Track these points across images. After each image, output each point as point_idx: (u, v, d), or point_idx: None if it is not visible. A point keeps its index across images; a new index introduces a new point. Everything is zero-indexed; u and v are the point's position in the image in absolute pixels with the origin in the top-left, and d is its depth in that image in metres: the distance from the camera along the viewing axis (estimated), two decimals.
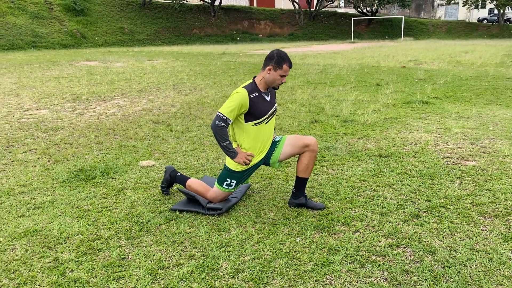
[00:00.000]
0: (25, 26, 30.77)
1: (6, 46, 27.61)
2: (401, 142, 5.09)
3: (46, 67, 14.94)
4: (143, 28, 38.71)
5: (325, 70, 13.55)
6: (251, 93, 3.09)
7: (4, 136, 5.76)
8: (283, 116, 6.75)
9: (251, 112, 3.11)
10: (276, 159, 3.30)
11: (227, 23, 46.15)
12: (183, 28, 41.95)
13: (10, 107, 7.75)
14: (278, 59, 3.06)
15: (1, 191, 3.80)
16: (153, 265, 2.55)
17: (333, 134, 5.52)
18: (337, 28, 49.98)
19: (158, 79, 11.52)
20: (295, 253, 2.65)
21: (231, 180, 3.23)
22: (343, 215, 3.15)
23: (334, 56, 20.12)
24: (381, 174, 4.00)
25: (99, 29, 35.43)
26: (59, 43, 30.66)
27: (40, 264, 2.59)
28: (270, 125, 3.27)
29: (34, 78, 11.85)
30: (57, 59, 18.39)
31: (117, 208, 3.40)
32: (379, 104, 7.55)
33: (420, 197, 3.44)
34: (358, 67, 14.43)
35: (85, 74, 12.80)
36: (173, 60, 17.64)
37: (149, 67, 14.67)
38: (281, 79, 3.11)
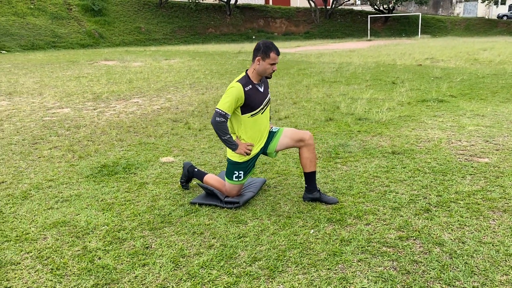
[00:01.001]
0: (45, 26, 31.41)
1: (26, 46, 28.24)
2: (414, 139, 5.17)
3: (66, 66, 15.30)
4: (160, 28, 39.13)
5: (341, 69, 13.61)
6: (246, 86, 3.25)
7: (30, 133, 6.01)
8: (298, 114, 6.87)
9: (247, 104, 3.27)
10: (274, 149, 3.48)
11: (243, 22, 46.32)
12: (199, 27, 42.27)
13: (34, 106, 8.03)
14: (265, 48, 3.21)
15: (30, 185, 4.02)
16: (175, 254, 2.72)
17: (347, 132, 5.62)
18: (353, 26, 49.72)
19: (175, 78, 11.74)
20: (309, 243, 2.79)
21: (239, 172, 3.39)
22: (355, 209, 3.27)
23: (350, 54, 20.11)
24: (394, 171, 4.10)
25: (117, 29, 35.94)
26: (77, 43, 31.22)
27: (70, 252, 2.78)
28: (266, 114, 3.44)
29: (55, 77, 12.19)
30: (76, 59, 18.79)
31: (140, 201, 3.58)
32: (394, 102, 7.61)
33: (431, 193, 3.54)
34: (373, 65, 14.44)
35: (104, 73, 13.09)
36: (190, 59, 17.87)
37: (166, 66, 14.92)
38: (271, 68, 3.26)
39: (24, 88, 10.24)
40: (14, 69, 14.51)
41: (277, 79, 11.37)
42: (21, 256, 2.75)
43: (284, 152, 4.83)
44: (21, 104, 8.21)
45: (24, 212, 3.41)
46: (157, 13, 41.03)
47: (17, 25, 30.04)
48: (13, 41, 28.34)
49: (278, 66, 14.91)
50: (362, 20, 50.26)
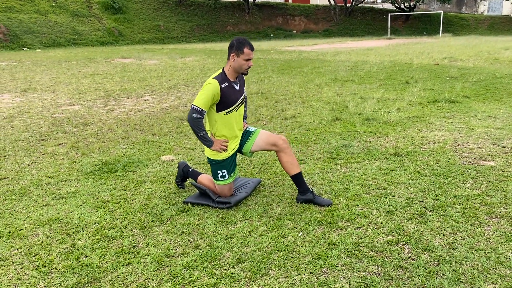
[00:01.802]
0: (66, 24, 31.95)
1: (47, 43, 28.78)
2: (420, 141, 5.07)
3: (83, 64, 15.53)
4: (179, 26, 39.40)
5: (356, 67, 13.45)
6: (222, 83, 3.25)
7: (38, 130, 6.11)
8: (305, 114, 6.82)
9: (222, 101, 3.28)
10: (249, 149, 3.48)
11: (261, 20, 46.26)
12: (217, 25, 42.40)
13: (46, 103, 8.17)
14: (238, 44, 3.21)
15: (30, 181, 4.08)
16: (160, 253, 2.72)
17: (352, 133, 5.55)
18: (373, 24, 49.15)
19: (188, 77, 11.78)
20: (295, 246, 2.76)
21: (222, 171, 3.39)
22: (348, 212, 3.22)
23: (367, 52, 19.86)
24: (394, 173, 4.03)
25: (136, 27, 36.32)
26: (97, 41, 31.67)
27: (58, 249, 2.81)
28: (240, 112, 3.44)
29: (70, 74, 12.38)
30: (94, 56, 19.05)
31: (134, 199, 3.60)
32: (404, 102, 7.48)
33: (428, 196, 3.46)
34: (389, 64, 14.23)
35: (119, 71, 13.24)
36: (205, 57, 17.93)
37: (180, 65, 15.00)
38: (247, 63, 3.25)
39: (39, 85, 10.43)
40: (33, 66, 14.79)
41: (289, 78, 11.32)
42: (11, 252, 2.79)
43: None
44: (34, 101, 8.36)
45: (20, 208, 3.47)
46: (176, 11, 41.32)
47: (39, 22, 30.64)
48: (35, 38, 28.92)
49: (291, 64, 14.84)
50: (382, 18, 49.65)
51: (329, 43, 31.06)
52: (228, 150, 3.40)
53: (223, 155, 3.38)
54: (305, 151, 4.84)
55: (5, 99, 8.66)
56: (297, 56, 18.61)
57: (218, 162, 3.39)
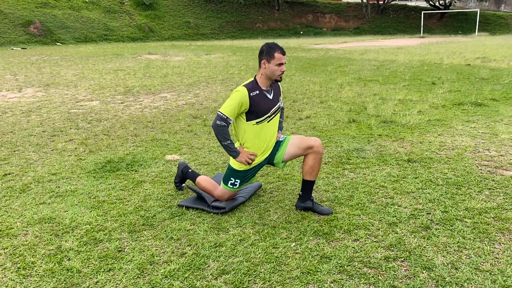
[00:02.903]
0: (98, 20, 32.56)
1: (80, 38, 29.41)
2: (437, 146, 4.80)
3: (109, 59, 15.72)
4: (208, 22, 39.55)
5: (382, 67, 13.08)
6: (252, 91, 3.07)
7: (51, 125, 6.15)
8: (321, 114, 6.62)
9: (252, 110, 3.09)
10: (280, 159, 3.26)
11: (291, 17, 45.91)
12: (247, 22, 42.34)
13: (66, 98, 8.26)
14: (268, 49, 3.03)
15: (33, 178, 4.07)
16: (144, 260, 2.62)
17: (367, 136, 5.32)
18: (406, 22, 47.99)
19: (210, 74, 11.73)
20: (285, 258, 2.60)
21: (235, 179, 3.23)
22: (348, 222, 3.03)
23: (397, 51, 19.34)
24: (404, 181, 3.80)
25: (166, 23, 36.67)
26: (128, 37, 32.15)
27: (43, 250, 2.75)
28: (273, 123, 3.23)
29: (95, 70, 12.53)
30: (122, 52, 19.29)
31: (130, 201, 3.52)
32: (427, 104, 7.16)
33: (437, 208, 3.23)
34: (418, 64, 13.77)
35: (143, 67, 13.32)
36: (230, 54, 17.86)
37: (204, 61, 14.98)
38: (279, 69, 3.05)
39: (62, 80, 10.59)
40: (61, 61, 15.08)
41: (311, 77, 11.09)
42: None
43: None
44: (54, 96, 8.47)
45: (17, 206, 3.45)
46: (206, 8, 41.50)
47: (72, 18, 31.34)
48: (68, 33, 29.61)
49: (316, 63, 14.57)
50: (416, 16, 48.42)
51: (358, 41, 30.50)
52: (253, 163, 3.21)
53: (244, 167, 3.21)
54: None
55: (28, 93, 8.81)
56: (324, 54, 18.30)
57: (237, 171, 3.23)
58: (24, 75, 11.35)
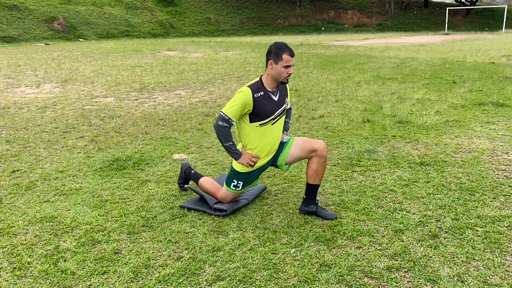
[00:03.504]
0: (120, 16, 32.90)
1: (102, 34, 29.78)
2: (453, 149, 4.63)
3: (128, 56, 15.84)
4: (229, 19, 39.54)
5: (402, 64, 12.81)
6: (256, 93, 2.97)
7: (64, 122, 6.19)
8: (334, 114, 6.48)
9: (256, 112, 3.00)
10: (284, 161, 3.17)
11: (313, 13, 45.52)
12: (268, 18, 42.16)
13: (81, 94, 8.32)
14: (276, 50, 2.92)
15: (40, 175, 4.08)
16: (140, 263, 2.57)
17: (380, 137, 5.18)
18: (430, 18, 47.04)
19: (226, 71, 11.68)
20: (284, 265, 2.52)
21: (238, 181, 3.16)
22: (352, 228, 2.93)
23: (419, 49, 18.93)
24: (414, 185, 3.66)
25: (187, 19, 36.82)
26: (149, 33, 32.40)
27: (41, 251, 2.73)
28: (278, 126, 3.13)
29: (113, 66, 12.63)
30: (141, 48, 19.43)
31: (133, 200, 3.48)
32: (445, 104, 6.94)
33: (447, 215, 3.09)
34: (439, 61, 13.43)
35: (160, 63, 13.36)
36: (248, 51, 17.78)
37: (222, 58, 14.94)
38: (286, 71, 2.94)
39: (80, 76, 10.70)
40: (81, 57, 15.26)
41: (328, 74, 10.93)
42: None
43: None
44: (71, 92, 8.54)
45: (21, 203, 3.45)
46: (227, 4, 41.48)
47: (95, 14, 31.75)
48: (91, 29, 30.01)
49: (335, 60, 14.36)
50: (440, 12, 47.40)
51: (380, 38, 30.01)
52: (255, 165, 3.13)
53: (246, 169, 3.13)
54: None
55: (45, 89, 8.92)
56: (344, 51, 18.05)
57: (239, 172, 3.16)
58: (44, 71, 11.51)
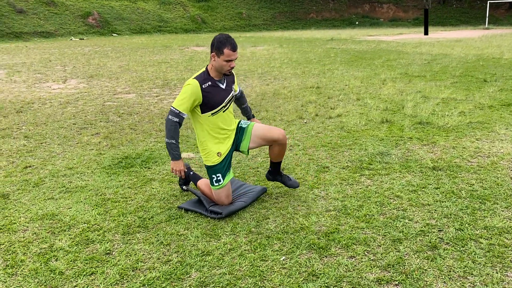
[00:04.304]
0: (153, 11, 33.38)
1: (135, 30, 30.31)
2: (471, 153, 4.42)
3: (157, 51, 16.04)
4: (261, 13, 39.42)
5: (434, 61, 12.40)
6: (203, 83, 3.01)
7: (83, 118, 6.31)
8: (353, 113, 6.33)
9: (206, 102, 3.04)
10: (246, 148, 3.29)
11: (347, 7, 44.76)
12: (300, 13, 41.76)
13: (105, 90, 8.47)
14: (218, 44, 2.94)
15: (50, 172, 4.17)
16: (128, 265, 2.57)
17: (396, 138, 5.01)
18: (470, 12, 45.38)
19: (250, 67, 11.63)
20: (271, 273, 2.45)
21: (216, 175, 3.18)
22: (348, 236, 2.83)
23: (454, 44, 18.30)
24: (422, 191, 3.51)
25: (219, 15, 36.95)
26: (181, 28, 32.74)
27: (36, 249, 2.78)
28: (228, 111, 3.21)
29: (140, 62, 12.81)
30: (171, 43, 19.63)
31: (134, 200, 3.50)
32: (471, 104, 6.65)
33: (451, 224, 2.94)
34: (473, 58, 12.92)
35: (187, 59, 13.45)
36: (276, 46, 17.66)
37: (248, 54, 14.89)
38: (228, 64, 2.99)
39: (106, 71, 10.90)
40: (111, 52, 15.57)
41: (354, 71, 10.70)
42: None
43: (311, 157, 4.43)
44: (95, 87, 8.72)
45: (26, 200, 3.53)
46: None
47: (128, 10, 32.34)
48: (124, 25, 30.60)
49: (364, 56, 14.05)
50: (481, 5, 45.62)
51: (416, 33, 29.17)
52: (221, 154, 3.19)
53: (216, 159, 3.17)
54: (334, 157, 4.43)
55: (71, 84, 9.14)
56: (374, 46, 17.66)
57: (211, 166, 3.17)
58: (73, 66, 11.81)
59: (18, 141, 5.21)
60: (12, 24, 25.80)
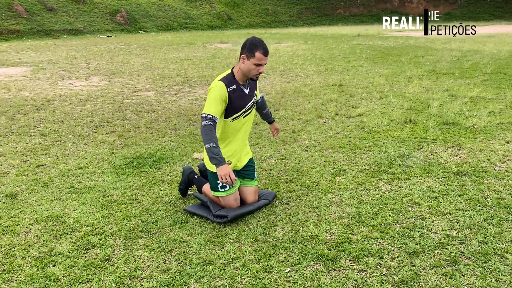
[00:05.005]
0: (180, 8, 33.56)
1: (162, 26, 30.54)
2: (499, 157, 4.13)
3: (181, 48, 16.04)
4: (287, 9, 39.09)
5: (463, 58, 11.92)
6: (229, 87, 2.93)
7: (100, 115, 6.29)
8: (375, 112, 6.08)
9: (230, 106, 2.95)
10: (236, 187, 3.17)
11: (375, 2, 43.89)
12: (327, 8, 41.21)
13: (125, 87, 8.47)
14: (250, 46, 2.84)
15: (60, 171, 4.12)
16: (126, 273, 2.46)
17: (419, 140, 4.75)
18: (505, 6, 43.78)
19: (272, 64, 11.45)
20: (273, 286, 2.30)
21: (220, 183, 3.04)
22: (360, 247, 2.64)
23: (486, 40, 17.62)
24: (444, 198, 3.28)
25: (245, 11, 36.84)
26: (207, 25, 32.79)
27: (35, 253, 2.71)
28: (248, 118, 3.11)
29: (163, 59, 12.81)
30: (195, 40, 19.64)
31: (140, 202, 3.40)
32: (502, 104, 6.30)
33: (475, 236, 2.71)
34: (507, 54, 12.36)
35: (209, 57, 13.38)
36: (301, 43, 17.40)
37: (272, 51, 14.70)
38: (256, 69, 2.88)
39: (129, 69, 10.93)
40: (136, 50, 15.67)
41: (379, 68, 10.38)
42: None
43: (327, 158, 4.24)
44: (116, 85, 8.73)
45: (33, 200, 3.48)
46: None
47: (155, 7, 32.60)
48: (151, 22, 30.87)
49: (390, 52, 13.65)
50: None
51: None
52: (231, 163, 3.08)
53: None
54: (352, 159, 4.23)
55: (93, 82, 9.19)
56: (402, 42, 17.18)
57: (214, 172, 3.02)
58: (97, 64, 11.90)
59: (34, 139, 5.21)
60: (43, 22, 26.38)
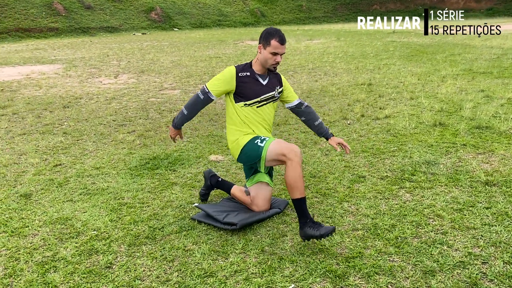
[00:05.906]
0: (213, 5, 33.68)
1: (195, 24, 30.75)
2: None
3: (212, 46, 16.04)
4: (321, 5, 38.56)
5: (504, 56, 11.33)
6: (241, 72, 2.93)
7: (124, 114, 6.31)
8: (403, 114, 5.81)
9: (239, 92, 2.93)
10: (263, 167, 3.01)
11: None
12: (363, 4, 40.37)
13: (152, 86, 8.50)
14: (266, 35, 2.85)
15: (76, 171, 4.12)
16: (125, 282, 2.39)
17: (448, 145, 4.49)
18: None
19: (301, 62, 11.25)
20: None
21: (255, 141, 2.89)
22: (372, 263, 2.47)
23: None
24: (469, 211, 3.04)
25: (278, 7, 36.59)
26: (240, 22, 32.78)
27: (39, 256, 2.68)
28: (263, 112, 2.98)
29: (192, 57, 12.83)
30: (227, 38, 19.61)
31: (150, 206, 3.34)
32: None
33: (500, 256, 2.49)
34: None
35: (238, 54, 13.30)
36: (333, 40, 17.06)
37: (302, 48, 14.48)
38: (273, 58, 2.86)
39: (158, 66, 10.99)
40: (167, 47, 15.79)
41: (412, 66, 10.00)
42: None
43: (347, 163, 4.06)
44: (143, 83, 8.77)
45: (46, 201, 3.48)
46: None
47: (189, 4, 32.86)
48: (185, 19, 31.14)
49: (425, 49, 13.15)
50: None
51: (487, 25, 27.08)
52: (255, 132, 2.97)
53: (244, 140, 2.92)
54: (373, 165, 4.03)
55: (121, 79, 9.28)
56: (439, 40, 16.55)
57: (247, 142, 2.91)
58: (127, 61, 12.05)
59: (57, 137, 5.26)
60: (81, 20, 27.07)
